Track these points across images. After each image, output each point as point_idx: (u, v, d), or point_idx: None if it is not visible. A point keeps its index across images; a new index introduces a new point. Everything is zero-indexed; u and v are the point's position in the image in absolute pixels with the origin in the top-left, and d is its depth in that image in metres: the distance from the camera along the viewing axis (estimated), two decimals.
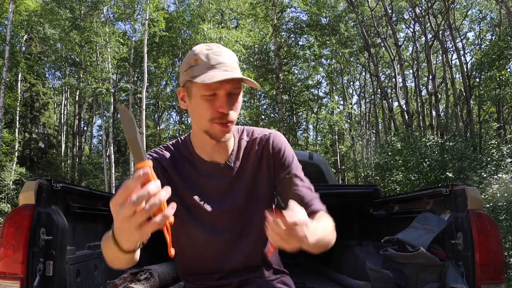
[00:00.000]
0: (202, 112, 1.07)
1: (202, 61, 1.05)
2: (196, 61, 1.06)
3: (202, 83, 1.02)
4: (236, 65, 1.09)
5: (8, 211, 10.39)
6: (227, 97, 1.06)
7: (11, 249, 1.40)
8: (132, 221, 0.68)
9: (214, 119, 1.06)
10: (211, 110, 1.06)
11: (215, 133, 1.09)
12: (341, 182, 20.86)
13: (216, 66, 1.04)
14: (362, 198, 2.56)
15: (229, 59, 1.08)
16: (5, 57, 13.17)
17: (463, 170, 8.79)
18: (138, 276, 1.93)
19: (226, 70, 1.04)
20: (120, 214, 0.69)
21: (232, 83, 1.05)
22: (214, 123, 1.07)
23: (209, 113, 1.06)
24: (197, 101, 1.07)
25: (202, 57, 1.06)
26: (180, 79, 1.12)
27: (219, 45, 1.12)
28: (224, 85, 1.04)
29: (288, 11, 18.23)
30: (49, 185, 1.54)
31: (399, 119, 19.99)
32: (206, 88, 1.04)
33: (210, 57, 1.05)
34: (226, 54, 1.09)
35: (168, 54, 19.70)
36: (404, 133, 13.16)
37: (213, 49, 1.08)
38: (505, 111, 19.58)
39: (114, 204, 0.70)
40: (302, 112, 21.17)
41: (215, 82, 1.01)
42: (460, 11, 20.22)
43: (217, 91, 1.05)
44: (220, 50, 1.08)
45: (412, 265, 1.66)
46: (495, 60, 12.09)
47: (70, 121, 25.02)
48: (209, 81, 1.00)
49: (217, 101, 1.05)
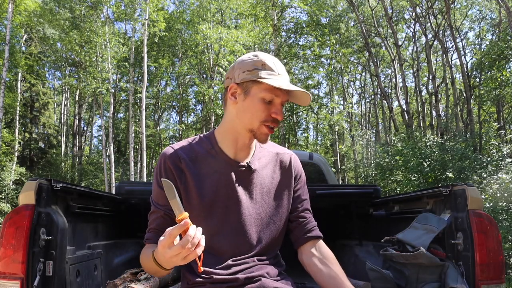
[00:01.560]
0: (256, 113, 1.17)
1: (269, 67, 1.16)
2: (263, 66, 1.16)
3: (267, 87, 1.14)
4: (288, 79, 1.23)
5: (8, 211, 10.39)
6: (282, 106, 1.20)
7: (11, 249, 1.40)
8: (179, 256, 0.94)
9: (266, 122, 1.17)
10: (266, 113, 1.17)
11: (262, 134, 1.19)
12: (341, 182, 20.86)
13: (283, 75, 1.17)
14: (362, 198, 2.56)
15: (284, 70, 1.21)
16: (4, 57, 13.17)
17: (463, 170, 8.78)
18: (138, 276, 1.93)
19: (289, 82, 1.18)
20: (168, 253, 0.94)
21: (287, 95, 1.19)
22: (264, 125, 1.18)
23: (263, 116, 1.17)
24: (254, 101, 1.17)
25: (270, 64, 1.17)
26: (236, 76, 1.19)
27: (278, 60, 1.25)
28: (283, 95, 1.18)
29: (288, 11, 18.24)
30: (49, 185, 1.54)
31: (399, 119, 19.99)
32: (269, 92, 1.16)
33: (277, 66, 1.17)
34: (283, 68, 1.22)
35: (168, 54, 19.70)
36: (404, 133, 13.17)
37: (275, 60, 1.21)
38: (505, 111, 19.58)
39: (162, 246, 0.95)
40: (302, 112, 21.18)
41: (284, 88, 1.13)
42: (460, 11, 20.22)
43: (275, 98, 1.17)
44: (280, 63, 1.22)
45: (412, 265, 1.66)
46: (495, 60, 12.09)
47: (70, 121, 25.04)
48: (281, 86, 1.12)
49: (273, 107, 1.18)
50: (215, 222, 1.21)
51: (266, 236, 1.26)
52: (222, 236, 1.22)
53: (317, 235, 1.32)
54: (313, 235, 1.31)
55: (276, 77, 1.15)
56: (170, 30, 18.23)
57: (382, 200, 2.41)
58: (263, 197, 1.26)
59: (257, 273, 1.21)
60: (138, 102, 17.69)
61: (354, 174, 21.26)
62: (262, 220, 1.26)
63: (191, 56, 18.80)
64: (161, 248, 0.94)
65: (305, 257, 1.30)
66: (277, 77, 1.15)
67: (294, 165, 1.35)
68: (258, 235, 1.25)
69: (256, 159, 1.29)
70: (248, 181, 1.25)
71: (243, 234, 1.23)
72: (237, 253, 1.22)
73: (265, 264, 1.25)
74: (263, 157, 1.31)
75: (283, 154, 1.35)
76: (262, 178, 1.28)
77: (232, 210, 1.22)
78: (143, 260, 1.17)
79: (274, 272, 1.26)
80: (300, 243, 1.32)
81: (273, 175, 1.30)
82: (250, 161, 1.27)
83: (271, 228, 1.27)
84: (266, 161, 1.31)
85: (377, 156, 13.17)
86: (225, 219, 1.22)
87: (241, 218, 1.23)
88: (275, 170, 1.31)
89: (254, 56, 1.19)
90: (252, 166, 1.26)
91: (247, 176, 1.25)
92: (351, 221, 2.70)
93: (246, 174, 1.25)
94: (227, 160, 1.24)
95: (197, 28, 16.08)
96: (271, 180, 1.29)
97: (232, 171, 1.24)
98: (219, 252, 1.22)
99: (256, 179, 1.27)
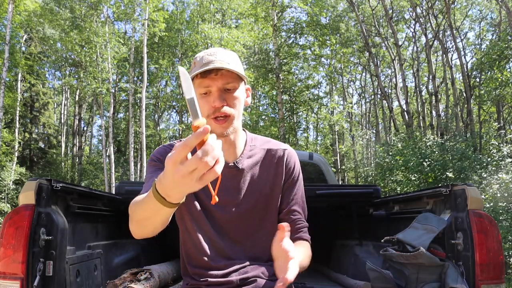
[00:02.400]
0: (202, 110, 1.11)
1: (198, 62, 1.14)
2: (194, 64, 1.16)
3: (197, 81, 1.12)
4: (230, 61, 1.14)
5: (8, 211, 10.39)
6: (219, 92, 1.12)
7: (11, 249, 1.40)
8: (194, 174, 0.71)
9: (210, 116, 1.13)
10: (206, 106, 1.13)
11: (214, 129, 1.13)
12: (341, 182, 20.85)
13: (207, 64, 1.11)
14: (362, 198, 2.56)
15: (222, 57, 1.13)
16: (4, 57, 13.17)
17: (463, 170, 8.79)
18: (138, 276, 1.93)
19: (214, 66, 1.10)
20: (181, 170, 0.71)
21: (223, 78, 1.12)
22: (212, 119, 1.13)
23: (205, 110, 1.13)
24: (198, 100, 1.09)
25: (198, 59, 1.15)
26: None
27: (221, 48, 1.19)
28: (215, 82, 1.12)
29: (288, 11, 18.24)
30: (49, 185, 1.54)
31: (399, 119, 19.99)
32: (200, 85, 1.13)
33: (204, 58, 1.13)
34: (221, 53, 1.15)
35: (168, 54, 19.70)
36: (404, 133, 13.17)
37: (209, 51, 1.16)
38: (505, 111, 19.58)
39: (173, 161, 0.71)
40: (302, 112, 21.16)
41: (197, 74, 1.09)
42: (460, 11, 20.22)
43: (210, 87, 1.12)
44: (216, 51, 1.15)
45: (412, 265, 1.66)
46: (496, 60, 12.09)
47: (70, 121, 25.04)
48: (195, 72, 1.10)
49: (211, 97, 1.13)
50: (204, 222, 1.20)
51: (257, 237, 1.24)
52: (210, 237, 1.21)
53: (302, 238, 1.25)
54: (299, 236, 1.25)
55: (202, 66, 1.11)
56: (170, 30, 18.23)
57: (382, 200, 2.41)
58: (251, 197, 1.23)
59: (251, 273, 1.20)
60: (138, 102, 17.69)
61: (354, 174, 21.27)
62: (252, 221, 1.23)
63: (191, 56, 18.80)
64: (171, 165, 0.72)
65: None
66: (203, 66, 1.11)
67: (287, 161, 1.29)
68: (248, 236, 1.24)
69: (245, 158, 1.25)
70: (235, 181, 1.23)
71: (233, 236, 1.22)
72: (229, 255, 1.21)
73: (260, 264, 1.24)
74: (253, 155, 1.27)
75: (275, 150, 1.29)
76: (251, 178, 1.24)
77: (220, 211, 1.20)
78: (135, 202, 0.96)
79: (269, 272, 1.24)
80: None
81: (264, 174, 1.26)
82: (238, 161, 1.23)
83: (262, 229, 1.25)
84: (256, 159, 1.27)
85: (377, 156, 13.17)
86: (213, 221, 1.21)
87: (229, 219, 1.21)
88: (266, 169, 1.27)
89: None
90: (239, 165, 1.23)
91: (235, 176, 1.23)
92: (351, 221, 2.70)
93: (233, 174, 1.22)
94: None
95: (197, 28, 16.08)
96: (261, 179, 1.25)
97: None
98: (211, 254, 1.21)
99: (244, 179, 1.24)
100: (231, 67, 1.11)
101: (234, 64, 1.14)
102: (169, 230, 1.10)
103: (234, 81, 1.14)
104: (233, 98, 1.14)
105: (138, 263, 2.42)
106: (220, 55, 1.14)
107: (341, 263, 2.69)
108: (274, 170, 1.27)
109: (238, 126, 1.22)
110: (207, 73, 1.11)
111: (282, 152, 1.29)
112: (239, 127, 1.23)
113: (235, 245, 1.22)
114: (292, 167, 1.30)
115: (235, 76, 1.14)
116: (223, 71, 1.11)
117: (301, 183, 1.33)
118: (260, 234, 1.25)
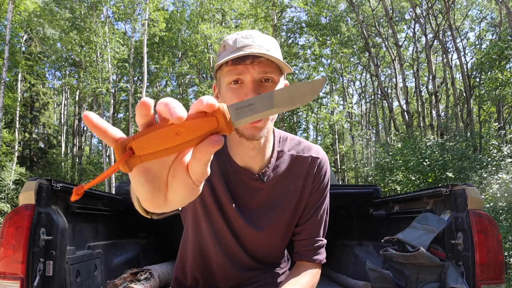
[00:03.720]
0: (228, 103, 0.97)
1: (229, 45, 0.93)
2: (224, 47, 0.95)
3: (225, 68, 0.92)
4: (270, 47, 0.93)
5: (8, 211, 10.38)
6: (254, 84, 0.91)
7: (11, 249, 1.40)
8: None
9: None
10: (236, 99, 0.92)
11: (244, 129, 0.94)
12: (341, 182, 20.85)
13: (243, 48, 0.90)
14: (362, 198, 2.56)
15: (260, 41, 0.92)
16: (4, 57, 13.17)
17: (463, 170, 8.79)
18: (138, 276, 1.93)
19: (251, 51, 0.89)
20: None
21: (261, 66, 0.91)
22: None
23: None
24: (224, 92, 0.95)
25: (230, 42, 0.94)
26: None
27: (257, 31, 0.98)
28: (249, 69, 0.90)
29: (288, 11, 18.25)
30: (49, 185, 1.54)
31: (399, 119, 19.98)
32: (229, 73, 0.92)
33: (238, 41, 0.93)
34: (259, 37, 0.94)
35: (168, 54, 19.70)
36: (404, 133, 13.16)
37: (245, 33, 0.95)
38: (505, 111, 19.57)
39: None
40: (302, 112, 21.17)
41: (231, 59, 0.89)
42: (460, 11, 20.23)
43: (242, 76, 0.91)
44: (252, 33, 0.94)
45: (412, 265, 1.66)
46: (496, 60, 12.09)
47: (70, 121, 25.03)
48: (228, 58, 0.89)
49: (243, 88, 0.92)
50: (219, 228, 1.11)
51: (269, 250, 1.17)
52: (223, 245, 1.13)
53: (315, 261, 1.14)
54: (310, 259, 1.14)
55: (235, 51, 0.90)
56: (170, 30, 18.23)
57: (382, 200, 2.41)
58: (273, 213, 1.10)
59: (257, 284, 1.17)
60: (138, 102, 17.67)
61: (354, 174, 21.26)
62: (272, 236, 1.13)
63: (191, 56, 18.80)
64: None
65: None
66: (236, 51, 0.90)
67: (317, 171, 1.11)
68: (261, 249, 1.15)
69: (272, 168, 1.08)
70: (259, 194, 1.09)
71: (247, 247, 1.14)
72: (237, 265, 1.15)
73: (265, 272, 1.20)
74: (280, 164, 1.09)
75: (305, 158, 1.11)
76: (277, 192, 1.09)
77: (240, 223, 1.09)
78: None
79: (274, 278, 1.21)
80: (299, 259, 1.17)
81: (290, 187, 1.10)
82: (264, 172, 1.07)
83: (275, 243, 1.16)
84: (283, 169, 1.09)
85: (377, 156, 13.18)
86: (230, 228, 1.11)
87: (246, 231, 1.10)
88: (294, 181, 1.10)
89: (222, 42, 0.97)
90: (264, 178, 1.07)
91: (258, 188, 1.08)
92: (351, 221, 2.70)
93: (257, 187, 1.08)
94: (236, 168, 1.06)
95: (197, 28, 16.08)
96: (287, 193, 1.10)
97: (242, 181, 1.07)
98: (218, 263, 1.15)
99: (269, 193, 1.09)
100: (272, 54, 0.90)
101: (274, 51, 0.94)
102: (169, 230, 1.10)
103: (273, 72, 0.93)
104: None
105: (138, 263, 2.42)
106: (258, 39, 0.93)
107: (341, 263, 2.69)
108: (302, 182, 1.10)
109: (271, 128, 1.03)
110: (241, 60, 0.90)
111: (312, 160, 1.11)
112: (271, 129, 1.05)
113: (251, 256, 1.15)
114: (321, 180, 1.12)
115: (275, 67, 0.93)
116: (262, 59, 0.91)
117: (327, 196, 1.16)
118: (276, 248, 1.18)
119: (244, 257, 1.14)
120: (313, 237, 1.14)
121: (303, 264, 1.14)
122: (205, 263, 1.17)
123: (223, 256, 1.13)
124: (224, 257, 1.13)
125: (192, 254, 1.18)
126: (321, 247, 1.16)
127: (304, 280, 1.08)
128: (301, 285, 1.05)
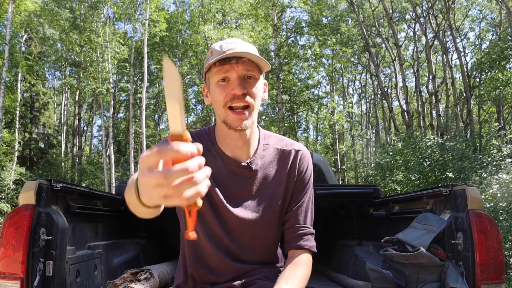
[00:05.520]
0: (217, 98, 1.08)
1: (216, 51, 1.09)
2: (211, 53, 1.10)
3: (214, 69, 1.07)
4: (250, 50, 1.08)
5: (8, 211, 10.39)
6: (239, 80, 1.06)
7: (11, 249, 1.40)
8: (157, 191, 0.56)
9: (227, 104, 1.06)
10: (224, 94, 1.06)
11: (231, 121, 1.07)
12: (341, 182, 20.85)
13: (227, 52, 1.05)
14: (362, 198, 2.56)
15: (242, 46, 1.08)
16: (4, 57, 13.17)
17: (463, 170, 8.78)
18: (138, 276, 1.93)
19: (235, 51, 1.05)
20: (145, 177, 0.57)
21: (244, 65, 1.06)
22: (228, 109, 1.07)
23: (222, 98, 1.07)
24: (213, 89, 1.10)
25: (217, 47, 1.09)
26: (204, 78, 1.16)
27: (239, 39, 1.14)
28: (234, 68, 1.06)
29: (288, 11, 18.24)
30: (49, 185, 1.54)
31: (399, 119, 19.99)
32: (218, 73, 1.07)
33: (223, 47, 1.08)
34: (241, 43, 1.10)
35: (168, 54, 19.69)
36: (404, 133, 13.16)
37: (228, 40, 1.11)
38: (505, 111, 19.57)
39: (143, 162, 0.57)
40: (302, 112, 21.16)
41: (215, 61, 1.04)
42: (460, 11, 20.23)
43: (228, 74, 1.07)
44: (235, 41, 1.10)
45: (412, 265, 1.66)
46: (496, 60, 12.08)
47: (70, 121, 25.03)
48: (216, 58, 1.03)
49: (230, 84, 1.07)
50: (213, 224, 1.15)
51: (262, 242, 1.21)
52: (219, 239, 1.17)
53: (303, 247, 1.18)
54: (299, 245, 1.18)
55: (221, 54, 1.05)
56: (171, 30, 18.23)
57: (382, 200, 2.41)
58: (265, 201, 1.17)
59: (254, 276, 1.18)
60: (138, 102, 17.69)
61: (354, 174, 21.26)
62: (263, 225, 1.18)
63: (191, 56, 18.81)
64: (142, 163, 0.58)
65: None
66: (222, 54, 1.05)
67: (300, 162, 1.22)
68: (254, 241, 1.19)
69: (259, 157, 1.18)
70: (248, 183, 1.17)
71: (242, 239, 1.18)
72: (232, 258, 1.18)
73: (262, 266, 1.22)
74: (266, 155, 1.20)
75: (289, 151, 1.22)
76: (265, 180, 1.18)
77: (230, 213, 1.15)
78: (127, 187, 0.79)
79: (272, 273, 1.23)
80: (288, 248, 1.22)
81: (277, 176, 1.19)
82: (251, 161, 1.17)
83: (272, 233, 1.22)
84: (269, 160, 1.20)
85: (377, 156, 13.17)
86: (223, 222, 1.16)
87: (240, 222, 1.15)
88: (280, 170, 1.20)
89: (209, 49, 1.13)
90: (253, 166, 1.16)
91: (247, 178, 1.17)
92: (351, 221, 2.70)
93: (246, 175, 1.17)
94: (226, 159, 1.16)
95: (197, 28, 16.08)
96: (274, 182, 1.19)
97: (232, 171, 1.16)
98: (213, 258, 1.18)
99: (258, 181, 1.18)
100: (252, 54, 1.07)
101: (254, 53, 1.09)
102: (169, 230, 1.10)
103: (254, 70, 1.09)
104: (254, 87, 1.08)
105: (138, 263, 2.42)
106: (240, 44, 1.09)
107: (341, 263, 2.69)
108: (287, 172, 1.20)
109: (255, 120, 1.15)
110: (227, 60, 1.05)
111: (295, 152, 1.22)
112: (255, 121, 1.16)
113: (244, 248, 1.19)
114: (304, 170, 1.22)
115: (256, 66, 1.09)
116: (245, 59, 1.06)
117: (311, 187, 1.26)
118: (265, 239, 1.21)
119: (233, 248, 1.18)
120: (300, 224, 1.21)
121: (294, 254, 1.18)
122: (201, 259, 1.20)
123: (215, 248, 1.17)
124: (217, 249, 1.17)
125: (188, 251, 1.22)
126: (308, 233, 1.21)
127: (298, 271, 1.12)
128: (295, 276, 1.10)
